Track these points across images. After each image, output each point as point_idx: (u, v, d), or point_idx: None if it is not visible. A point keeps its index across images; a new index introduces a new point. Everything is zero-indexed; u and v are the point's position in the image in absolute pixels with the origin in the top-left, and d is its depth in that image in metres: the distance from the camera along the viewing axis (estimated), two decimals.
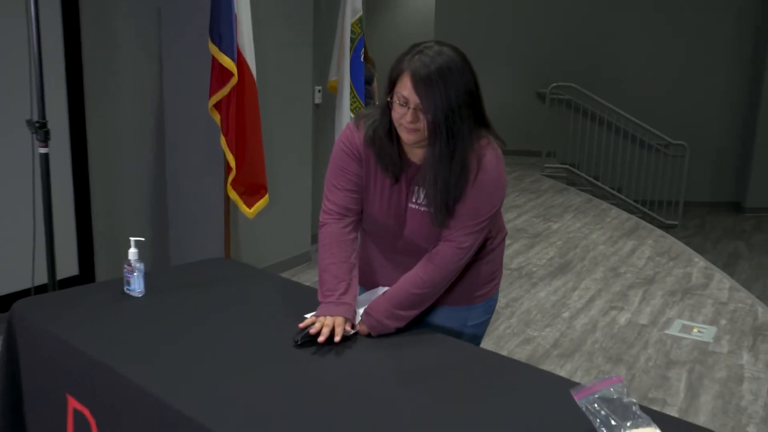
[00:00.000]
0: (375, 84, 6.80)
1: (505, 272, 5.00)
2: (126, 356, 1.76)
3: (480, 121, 1.85)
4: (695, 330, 4.11)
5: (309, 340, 1.85)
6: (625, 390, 1.52)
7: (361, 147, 1.94)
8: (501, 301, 4.44)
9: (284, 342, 1.85)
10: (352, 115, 4.97)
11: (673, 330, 4.10)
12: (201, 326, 1.95)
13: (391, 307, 1.91)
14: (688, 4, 9.28)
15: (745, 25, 9.30)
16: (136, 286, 2.14)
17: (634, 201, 9.02)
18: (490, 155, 1.85)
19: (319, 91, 5.30)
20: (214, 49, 3.83)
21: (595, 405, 1.47)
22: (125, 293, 2.16)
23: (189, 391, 1.59)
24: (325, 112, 5.37)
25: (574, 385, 1.57)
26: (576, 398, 1.48)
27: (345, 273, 1.95)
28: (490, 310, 2.18)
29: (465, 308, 2.10)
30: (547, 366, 3.60)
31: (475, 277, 2.08)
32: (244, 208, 4.11)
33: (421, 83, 1.73)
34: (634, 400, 1.51)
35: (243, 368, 1.71)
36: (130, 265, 2.13)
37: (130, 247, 2.13)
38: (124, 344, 1.83)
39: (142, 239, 2.27)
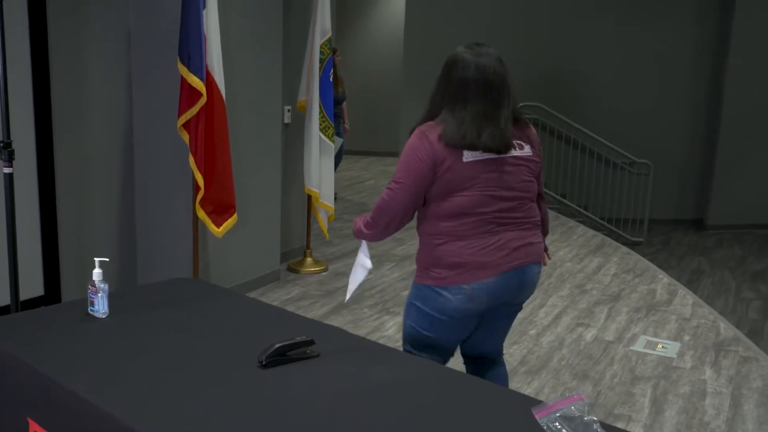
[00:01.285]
0: (345, 105, 6.85)
1: None
2: (88, 379, 1.76)
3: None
4: (659, 346, 4.18)
5: (273, 359, 1.86)
6: (586, 408, 1.55)
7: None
8: None
9: (249, 362, 1.86)
10: (321, 135, 5.01)
11: (638, 346, 4.17)
12: (164, 347, 1.96)
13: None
14: (649, 27, 9.48)
15: (704, 47, 9.52)
16: (100, 307, 2.14)
17: (601, 218, 9.14)
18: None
19: (289, 110, 5.32)
20: (182, 70, 3.84)
21: (556, 423, 1.50)
22: (89, 314, 2.15)
23: (152, 414, 1.59)
24: (294, 132, 5.39)
25: (536, 403, 1.60)
26: (537, 417, 1.51)
27: None
28: (415, 296, 2.46)
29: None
30: (515, 383, 3.63)
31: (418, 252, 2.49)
32: (212, 227, 4.10)
33: None
34: (595, 418, 1.54)
35: (207, 389, 1.71)
36: (94, 285, 2.12)
37: (94, 267, 2.13)
38: (85, 367, 1.82)
39: (107, 260, 2.27)
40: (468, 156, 2.29)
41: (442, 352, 2.49)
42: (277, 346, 1.90)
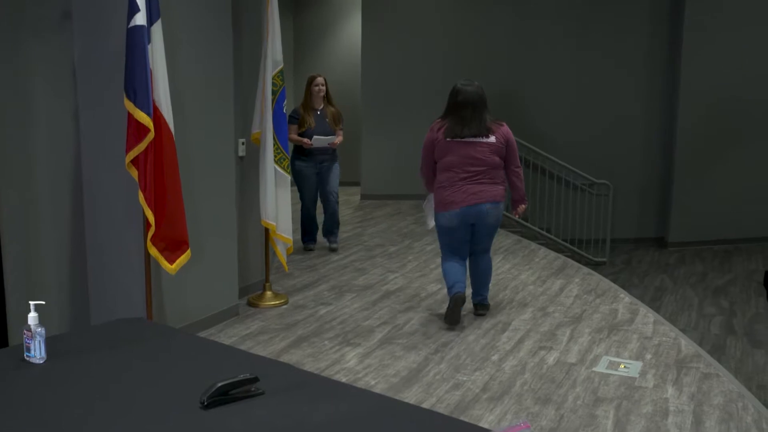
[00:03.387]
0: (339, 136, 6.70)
1: (434, 318, 5.00)
2: (16, 429, 1.68)
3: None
4: (622, 366, 4.17)
5: (215, 399, 1.80)
6: None
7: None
8: (430, 347, 4.44)
9: (190, 403, 1.79)
10: (276, 167, 4.98)
11: (601, 367, 4.15)
12: (102, 392, 1.88)
13: None
14: (606, 53, 9.64)
15: (658, 70, 9.71)
16: (37, 352, 2.06)
17: (563, 240, 9.19)
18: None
19: (243, 143, 5.28)
20: (129, 105, 3.79)
21: None
22: (25, 360, 2.07)
23: None
24: (249, 164, 5.34)
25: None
26: None
27: None
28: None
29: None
30: (477, 410, 3.59)
31: None
32: (165, 264, 4.03)
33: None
34: None
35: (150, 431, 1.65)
36: (29, 330, 2.05)
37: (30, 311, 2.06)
38: (14, 415, 1.74)
39: (43, 303, 2.19)
40: (451, 138, 4.66)
41: (454, 248, 4.81)
42: (219, 385, 1.85)
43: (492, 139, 4.60)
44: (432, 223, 4.88)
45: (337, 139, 6.68)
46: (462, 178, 4.59)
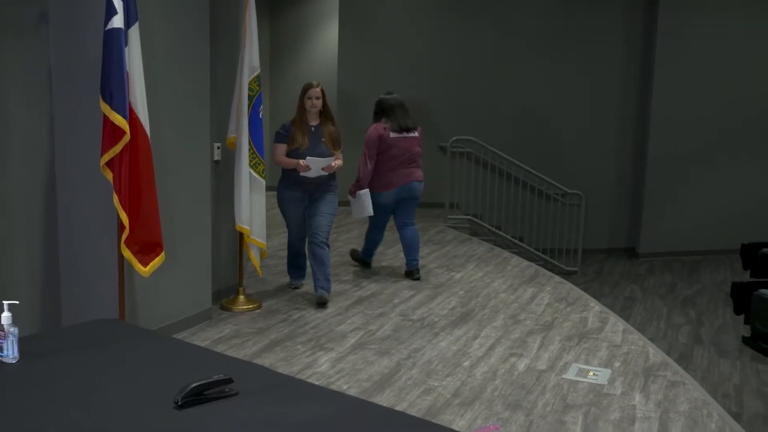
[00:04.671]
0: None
1: (406, 323, 5.03)
2: None
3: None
4: (591, 373, 4.23)
5: (189, 400, 1.81)
6: None
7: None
8: (403, 352, 4.46)
9: (164, 403, 1.81)
10: (251, 171, 4.98)
11: (570, 374, 4.21)
12: (75, 391, 1.89)
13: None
14: (580, 66, 9.78)
15: (631, 84, 9.87)
16: (10, 351, 2.06)
17: (536, 249, 9.28)
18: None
19: (219, 147, 5.28)
20: (105, 108, 3.78)
21: None
22: None
23: None
24: (225, 169, 5.35)
25: None
26: None
27: None
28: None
29: None
30: (448, 415, 3.62)
31: None
32: (138, 266, 4.02)
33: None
34: None
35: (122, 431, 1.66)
36: (2, 330, 2.04)
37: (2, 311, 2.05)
38: None
39: (17, 302, 2.19)
40: (394, 134, 5.99)
41: (383, 222, 6.30)
42: (193, 385, 1.86)
43: (417, 134, 6.11)
44: (371, 210, 5.93)
45: (336, 162, 5.29)
46: (400, 164, 6.01)
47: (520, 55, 9.79)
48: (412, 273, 6.23)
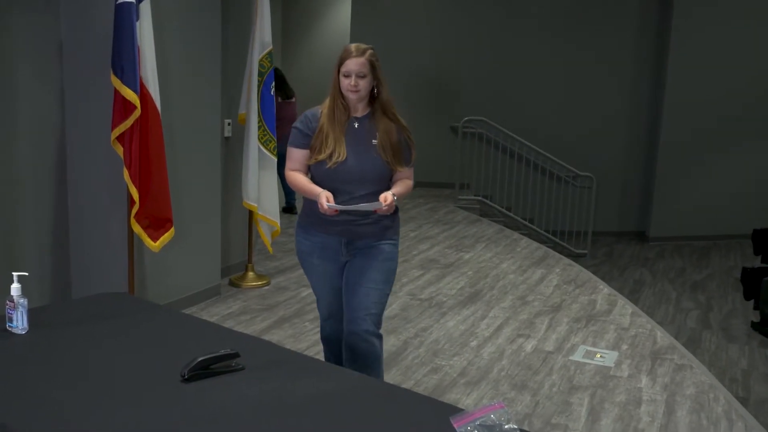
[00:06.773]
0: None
1: (414, 302, 5.04)
2: (2, 397, 1.69)
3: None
4: (598, 355, 4.23)
5: (196, 373, 1.82)
6: (505, 416, 1.55)
7: None
8: (410, 331, 4.47)
9: (171, 376, 1.82)
10: (262, 148, 4.97)
11: (577, 356, 4.21)
12: (83, 363, 1.90)
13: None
14: (592, 46, 9.68)
15: (642, 67, 9.77)
16: (19, 323, 2.07)
17: (546, 231, 9.25)
18: None
19: (229, 124, 5.27)
20: (116, 82, 3.78)
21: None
22: (7, 330, 2.08)
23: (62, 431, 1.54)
24: (235, 145, 5.34)
25: (457, 412, 1.59)
26: (455, 425, 1.50)
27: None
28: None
29: None
30: (454, 394, 3.63)
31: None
32: (148, 241, 4.03)
33: None
34: (515, 426, 1.54)
35: (130, 403, 1.67)
36: (12, 301, 2.06)
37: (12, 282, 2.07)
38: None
39: (26, 274, 2.20)
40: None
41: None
42: (199, 359, 1.87)
43: None
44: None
45: (390, 196, 2.88)
46: None
47: (534, 36, 9.69)
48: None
